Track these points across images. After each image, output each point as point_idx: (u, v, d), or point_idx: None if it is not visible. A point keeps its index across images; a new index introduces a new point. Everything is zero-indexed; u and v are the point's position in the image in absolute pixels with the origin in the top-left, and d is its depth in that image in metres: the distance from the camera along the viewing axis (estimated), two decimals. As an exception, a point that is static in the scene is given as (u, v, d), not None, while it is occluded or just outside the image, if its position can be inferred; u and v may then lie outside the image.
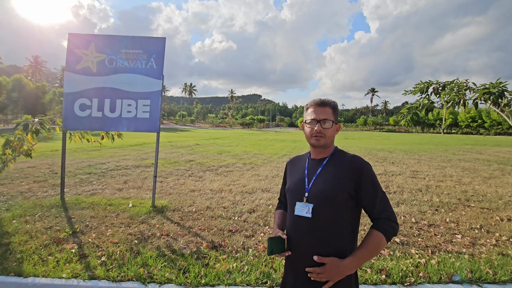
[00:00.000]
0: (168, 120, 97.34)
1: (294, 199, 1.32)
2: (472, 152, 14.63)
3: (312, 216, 1.24)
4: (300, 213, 1.27)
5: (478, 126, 60.53)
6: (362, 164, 1.26)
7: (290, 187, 1.38)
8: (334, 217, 1.22)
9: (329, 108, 1.31)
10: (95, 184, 6.01)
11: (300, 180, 1.34)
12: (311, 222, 1.24)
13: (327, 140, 1.29)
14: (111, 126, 4.59)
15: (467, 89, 4.88)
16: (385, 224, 1.20)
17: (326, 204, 1.23)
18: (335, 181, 1.24)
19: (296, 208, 1.29)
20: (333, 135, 1.32)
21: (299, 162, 1.45)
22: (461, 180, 7.03)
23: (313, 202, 1.25)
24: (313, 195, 1.26)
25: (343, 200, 1.23)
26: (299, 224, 1.27)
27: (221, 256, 2.87)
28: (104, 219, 3.86)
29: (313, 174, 1.32)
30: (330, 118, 1.29)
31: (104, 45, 4.71)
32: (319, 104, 1.32)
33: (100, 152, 11.00)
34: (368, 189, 1.23)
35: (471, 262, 2.75)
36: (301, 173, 1.36)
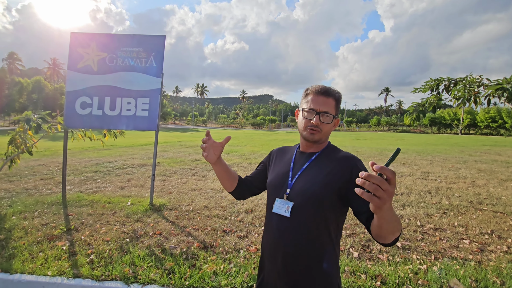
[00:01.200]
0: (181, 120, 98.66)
1: (273, 195, 1.19)
2: (490, 153, 13.96)
3: (291, 216, 1.10)
4: (278, 210, 1.14)
5: (499, 126, 57.91)
6: (355, 161, 1.11)
7: (272, 181, 1.24)
8: (316, 220, 1.08)
9: (332, 100, 1.15)
10: (99, 182, 6.07)
11: (283, 174, 1.21)
12: (289, 222, 1.11)
13: (322, 136, 1.15)
14: (110, 124, 4.60)
15: (480, 85, 4.61)
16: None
17: (308, 204, 1.09)
18: (322, 179, 1.10)
19: (275, 205, 1.16)
20: (330, 131, 1.17)
21: (287, 153, 1.31)
22: (475, 182, 6.66)
23: (294, 201, 1.11)
24: (295, 193, 1.12)
25: (329, 201, 1.08)
26: (276, 223, 1.14)
27: (210, 257, 2.79)
28: (101, 217, 3.86)
29: (298, 169, 1.17)
30: (331, 111, 1.14)
31: (105, 44, 4.74)
32: (322, 93, 1.14)
33: (110, 151, 11.19)
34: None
35: (477, 270, 2.54)
36: (286, 167, 1.22)
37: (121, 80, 4.64)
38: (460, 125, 64.47)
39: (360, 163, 1.11)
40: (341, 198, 1.08)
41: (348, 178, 1.07)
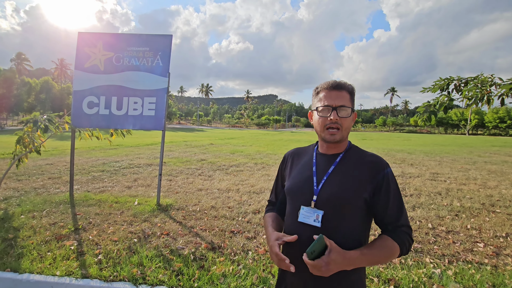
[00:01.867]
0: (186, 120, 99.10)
1: (297, 202, 1.10)
2: (500, 154, 13.70)
3: (322, 225, 1.02)
4: (305, 220, 1.05)
5: (508, 127, 56.92)
6: (384, 165, 1.06)
7: (293, 187, 1.14)
8: (348, 228, 1.03)
9: (346, 93, 1.08)
10: (106, 181, 6.09)
11: (306, 178, 1.11)
12: (320, 232, 1.01)
13: (343, 133, 1.06)
14: (117, 123, 4.60)
15: (492, 84, 4.49)
16: (404, 237, 1.01)
17: (339, 212, 1.03)
18: (352, 184, 1.03)
19: (301, 214, 1.06)
20: (350, 127, 1.09)
21: (304, 155, 1.21)
22: (486, 183, 6.52)
23: (323, 208, 1.03)
24: (324, 200, 1.04)
25: (358, 207, 1.03)
26: (304, 234, 1.03)
27: (218, 258, 2.75)
28: (108, 217, 3.85)
29: (323, 173, 1.09)
30: (348, 104, 1.06)
31: (112, 43, 4.74)
32: (334, 87, 1.08)
33: (117, 150, 11.26)
34: (387, 195, 1.03)
35: (494, 274, 2.46)
36: (307, 170, 1.13)
37: (127, 79, 4.64)
38: (467, 125, 63.52)
39: (389, 169, 1.06)
40: (367, 204, 1.04)
41: (375, 184, 1.03)
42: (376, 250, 0.98)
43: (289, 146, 16.69)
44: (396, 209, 1.03)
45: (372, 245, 1.00)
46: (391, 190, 1.03)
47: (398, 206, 1.04)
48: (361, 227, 1.05)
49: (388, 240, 1.00)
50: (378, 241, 1.02)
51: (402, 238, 1.01)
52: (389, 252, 0.99)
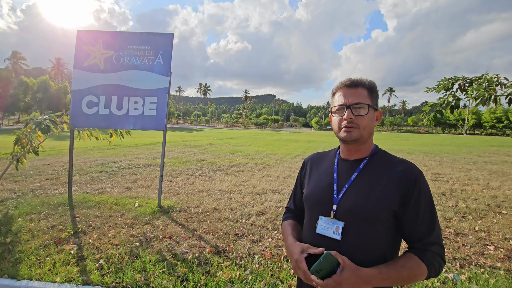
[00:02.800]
0: (184, 120, 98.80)
1: (316, 211, 1.00)
2: (499, 154, 13.72)
3: (342, 238, 0.92)
4: (324, 232, 0.95)
5: (505, 127, 57.28)
6: (417, 174, 0.92)
7: (312, 194, 1.04)
8: (372, 243, 0.91)
9: (363, 89, 0.97)
10: (105, 182, 5.98)
11: (326, 186, 1.01)
12: (339, 246, 0.91)
13: (362, 132, 0.95)
14: (117, 123, 4.50)
15: (498, 84, 4.44)
16: (433, 258, 0.88)
17: (361, 224, 0.92)
18: (378, 193, 0.92)
19: (319, 225, 0.97)
20: (371, 126, 0.97)
21: (324, 160, 1.11)
22: (489, 184, 6.49)
23: (344, 220, 0.93)
24: (345, 210, 0.94)
25: (385, 220, 0.91)
26: (324, 247, 0.92)
27: (224, 263, 2.66)
28: (108, 219, 3.75)
29: (345, 181, 0.98)
30: (364, 101, 0.96)
31: (112, 42, 4.63)
32: (349, 85, 0.98)
33: (115, 150, 11.12)
34: (417, 207, 0.90)
35: (508, 280, 2.40)
36: (328, 177, 1.03)
37: (128, 78, 4.54)
38: (465, 125, 63.85)
39: (422, 177, 0.93)
40: (397, 216, 0.93)
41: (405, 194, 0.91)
42: (397, 270, 0.86)
43: (288, 146, 16.62)
44: (427, 224, 0.90)
45: (394, 263, 0.88)
46: (421, 202, 0.90)
47: (429, 221, 0.90)
48: (388, 243, 0.93)
49: (413, 260, 0.88)
50: (402, 259, 0.89)
51: (430, 259, 0.87)
52: (413, 274, 0.87)
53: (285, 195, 5.26)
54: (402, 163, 0.96)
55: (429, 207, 0.91)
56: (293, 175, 7.25)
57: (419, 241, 0.90)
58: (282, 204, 4.67)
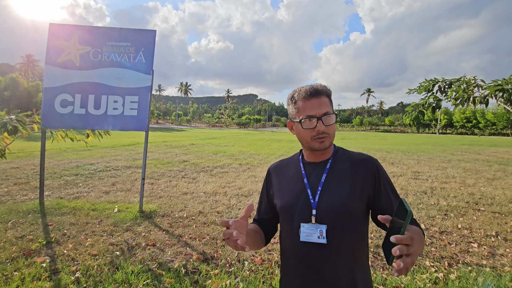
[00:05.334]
0: (164, 119, 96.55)
1: (296, 220, 0.98)
2: (470, 152, 14.47)
3: (328, 241, 0.91)
4: (308, 238, 0.93)
5: (473, 126, 60.93)
6: (377, 163, 1.00)
7: (287, 204, 1.01)
8: (354, 237, 0.94)
9: (325, 97, 0.98)
10: (81, 186, 5.63)
11: (299, 192, 1.00)
12: (327, 249, 0.91)
13: (331, 139, 0.98)
14: (95, 124, 4.22)
15: (475, 86, 4.62)
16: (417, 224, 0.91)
17: (343, 221, 0.92)
18: (350, 188, 0.94)
19: (302, 232, 0.94)
20: (335, 131, 1.01)
21: (289, 167, 1.10)
22: (465, 181, 6.77)
23: (325, 222, 0.92)
24: (324, 212, 0.93)
25: (361, 212, 0.95)
26: (311, 254, 0.93)
27: (213, 271, 2.53)
28: (85, 227, 3.49)
29: (316, 183, 0.98)
30: (330, 110, 0.98)
31: (88, 37, 4.34)
32: (313, 94, 0.97)
33: (91, 152, 10.58)
34: (386, 191, 0.97)
35: (495, 277, 2.45)
36: (298, 183, 1.02)
37: (107, 76, 4.27)
38: (438, 125, 67.21)
39: (379, 164, 1.01)
40: (369, 206, 0.97)
41: (374, 183, 0.97)
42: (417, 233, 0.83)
43: (271, 145, 16.62)
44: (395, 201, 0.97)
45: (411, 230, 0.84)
46: (387, 185, 0.98)
47: (394, 198, 0.97)
48: (363, 231, 0.98)
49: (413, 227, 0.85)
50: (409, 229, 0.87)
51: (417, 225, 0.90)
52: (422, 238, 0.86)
53: (272, 196, 5.19)
54: (361, 155, 1.03)
55: (392, 186, 1.00)
56: (279, 175, 7.21)
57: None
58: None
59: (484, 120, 58.02)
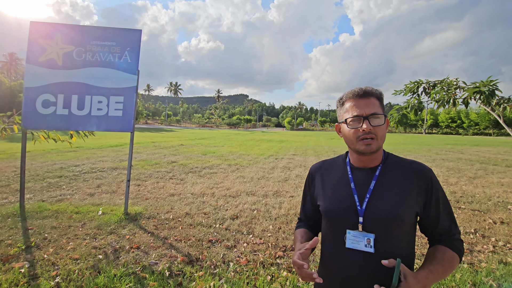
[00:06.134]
0: (153, 120, 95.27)
1: (340, 226, 0.97)
2: (454, 151, 14.90)
3: (375, 250, 0.90)
4: (355, 246, 0.93)
5: (457, 126, 62.76)
6: (430, 174, 0.96)
7: (332, 208, 1.00)
8: (402, 247, 0.93)
9: (374, 99, 0.96)
10: (65, 188, 5.49)
11: (345, 197, 0.98)
12: (373, 258, 0.90)
13: (379, 142, 0.94)
14: (78, 125, 4.13)
15: (457, 88, 4.77)
16: (460, 245, 0.96)
17: (391, 231, 0.91)
18: (400, 198, 0.92)
19: (348, 239, 0.94)
20: (385, 135, 0.97)
21: (334, 170, 1.08)
22: (447, 180, 6.97)
23: (373, 231, 0.92)
24: (372, 220, 0.92)
25: (410, 222, 0.93)
26: (356, 262, 0.92)
27: (197, 272, 2.52)
28: (67, 230, 3.41)
29: (364, 190, 0.96)
30: (379, 111, 0.95)
31: (72, 36, 4.25)
32: (362, 95, 0.96)
33: (77, 153, 10.34)
34: (438, 205, 0.95)
35: (472, 273, 2.54)
36: (345, 188, 1.00)
37: (91, 76, 4.19)
38: (424, 125, 68.90)
39: (433, 175, 0.97)
40: (418, 216, 0.96)
41: (426, 194, 0.94)
42: (441, 264, 0.90)
43: (261, 146, 16.66)
44: (448, 218, 0.97)
45: (436, 259, 0.91)
46: (440, 199, 0.96)
47: (450, 215, 0.97)
48: (412, 243, 0.97)
49: (448, 252, 0.93)
50: (438, 253, 0.93)
51: (458, 247, 0.95)
52: (451, 265, 0.92)
53: (260, 197, 5.20)
54: (415, 164, 0.99)
55: (447, 202, 0.98)
56: (267, 176, 7.23)
57: (446, 234, 0.96)
58: (256, 206, 4.60)
59: (468, 120, 59.85)
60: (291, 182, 6.50)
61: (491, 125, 55.48)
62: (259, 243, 3.21)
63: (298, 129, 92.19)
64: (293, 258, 0.91)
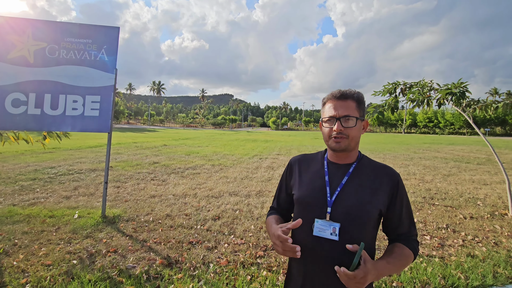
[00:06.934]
0: (135, 120, 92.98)
1: (310, 214, 1.04)
2: (430, 150, 15.53)
3: (340, 238, 0.98)
4: (322, 234, 1.00)
5: (434, 126, 65.48)
6: (398, 178, 1.05)
7: (305, 196, 1.08)
8: (364, 239, 1.00)
9: (351, 102, 1.04)
10: (38, 191, 5.26)
11: (318, 188, 1.06)
12: (337, 246, 0.98)
13: (350, 142, 1.03)
14: (52, 125, 3.97)
15: (431, 89, 4.98)
16: (416, 245, 1.05)
17: (355, 224, 0.99)
18: (367, 195, 1.01)
19: (316, 227, 1.01)
20: (358, 136, 1.06)
21: (313, 162, 1.16)
22: (423, 178, 7.26)
23: (339, 221, 0.99)
24: (340, 212, 1.00)
25: (374, 218, 1.01)
26: (322, 248, 1.00)
27: (176, 275, 2.49)
28: (40, 235, 3.27)
29: (336, 184, 1.04)
30: (353, 114, 1.03)
31: (44, 32, 4.07)
32: (339, 97, 1.05)
33: (53, 154, 9.91)
34: (401, 206, 1.04)
35: (442, 266, 2.66)
36: (319, 179, 1.08)
37: (65, 74, 4.03)
38: (403, 124, 71.35)
39: (400, 179, 1.06)
40: (381, 215, 1.03)
41: (391, 196, 1.03)
42: (398, 259, 0.99)
43: (246, 146, 16.65)
44: (409, 220, 1.06)
45: (393, 254, 1.00)
46: (404, 203, 1.04)
47: (410, 217, 1.07)
48: (373, 238, 1.05)
49: (406, 249, 1.01)
50: (397, 249, 1.02)
51: (415, 246, 1.04)
52: (407, 261, 1.01)
53: (242, 197, 5.20)
54: (386, 168, 1.08)
55: (409, 206, 1.07)
56: (251, 175, 7.24)
57: (405, 234, 1.05)
58: (239, 207, 4.60)
59: (443, 120, 62.59)
60: (275, 182, 6.54)
61: (465, 125, 58.31)
62: (240, 243, 3.21)
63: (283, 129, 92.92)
64: (277, 232, 0.96)
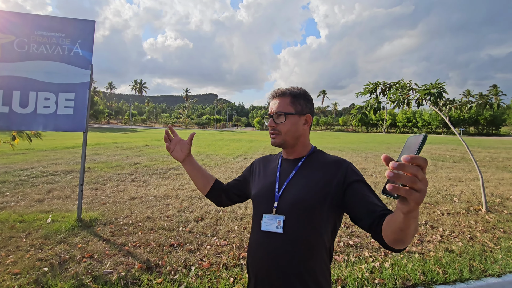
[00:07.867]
0: (116, 119, 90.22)
1: (260, 211, 1.05)
2: (410, 149, 16.06)
3: (284, 230, 0.97)
4: (268, 228, 1.00)
5: (413, 126, 68.02)
6: (347, 164, 1.02)
7: (257, 195, 1.11)
8: (310, 231, 0.97)
9: (284, 98, 1.07)
10: (8, 195, 4.94)
11: (269, 184, 1.08)
12: (283, 238, 0.97)
13: (284, 137, 1.05)
14: (21, 124, 3.73)
15: (410, 89, 5.11)
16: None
17: (300, 215, 0.97)
18: (312, 186, 0.99)
19: (263, 222, 1.01)
20: (294, 130, 1.05)
21: (271, 162, 1.20)
22: (403, 176, 7.46)
23: (284, 214, 0.99)
24: (285, 205, 1.00)
25: (320, 209, 0.97)
26: (268, 242, 0.99)
27: (156, 280, 2.39)
28: (7, 242, 3.05)
29: (285, 178, 1.06)
30: (285, 110, 1.04)
31: (12, 24, 3.82)
32: (273, 96, 1.11)
33: (26, 156, 9.39)
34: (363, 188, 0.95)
35: (421, 262, 2.71)
36: (271, 176, 1.11)
37: (36, 70, 3.80)
38: (384, 124, 73.59)
39: (352, 165, 1.01)
40: (335, 204, 0.97)
41: (342, 182, 0.96)
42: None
43: (230, 146, 16.53)
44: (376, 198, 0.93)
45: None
46: (362, 184, 0.96)
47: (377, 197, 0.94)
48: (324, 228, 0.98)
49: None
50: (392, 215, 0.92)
51: None
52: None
53: (226, 197, 5.12)
54: (335, 157, 1.06)
55: (370, 187, 0.99)
56: (235, 175, 7.16)
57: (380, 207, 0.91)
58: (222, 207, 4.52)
59: (421, 120, 65.13)
60: (258, 181, 6.51)
61: (441, 124, 60.94)
62: (223, 245, 3.14)
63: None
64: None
